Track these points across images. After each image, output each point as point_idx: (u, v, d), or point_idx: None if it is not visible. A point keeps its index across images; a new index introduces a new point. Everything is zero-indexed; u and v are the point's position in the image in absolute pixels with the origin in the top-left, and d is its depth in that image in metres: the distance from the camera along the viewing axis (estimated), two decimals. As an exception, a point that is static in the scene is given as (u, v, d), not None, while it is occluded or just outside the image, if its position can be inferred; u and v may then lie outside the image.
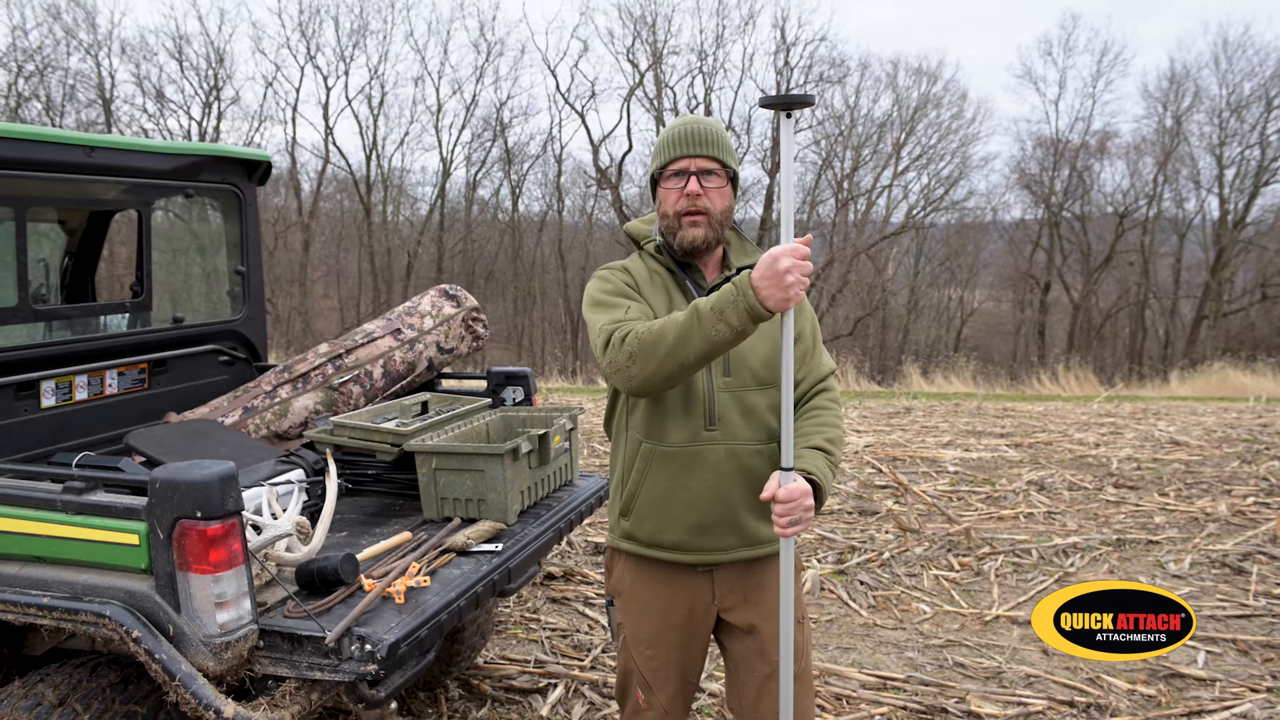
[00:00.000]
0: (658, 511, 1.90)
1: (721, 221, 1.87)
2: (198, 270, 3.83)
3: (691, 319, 1.64)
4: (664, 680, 1.97)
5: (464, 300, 3.43)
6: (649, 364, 1.68)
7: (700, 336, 1.62)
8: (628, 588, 2.00)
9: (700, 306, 1.63)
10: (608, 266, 1.96)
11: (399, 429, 2.70)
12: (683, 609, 1.95)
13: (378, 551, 2.30)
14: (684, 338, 1.64)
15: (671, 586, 1.95)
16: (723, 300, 1.61)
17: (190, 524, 1.82)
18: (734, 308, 1.59)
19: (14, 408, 2.82)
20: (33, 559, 2.03)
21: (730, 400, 1.85)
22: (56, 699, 2.02)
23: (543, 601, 4.29)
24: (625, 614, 2.01)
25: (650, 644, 1.97)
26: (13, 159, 2.67)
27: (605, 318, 1.80)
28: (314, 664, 1.89)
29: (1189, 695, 3.36)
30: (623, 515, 1.97)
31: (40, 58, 22.76)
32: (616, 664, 2.10)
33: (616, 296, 1.86)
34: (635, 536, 1.95)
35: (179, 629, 1.85)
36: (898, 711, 3.23)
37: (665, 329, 1.67)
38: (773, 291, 1.57)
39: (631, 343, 1.69)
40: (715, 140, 1.86)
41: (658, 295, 1.90)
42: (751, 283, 1.59)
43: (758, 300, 1.58)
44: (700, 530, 1.88)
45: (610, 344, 1.74)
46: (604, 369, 1.80)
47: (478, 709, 3.24)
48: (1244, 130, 24.23)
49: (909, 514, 5.59)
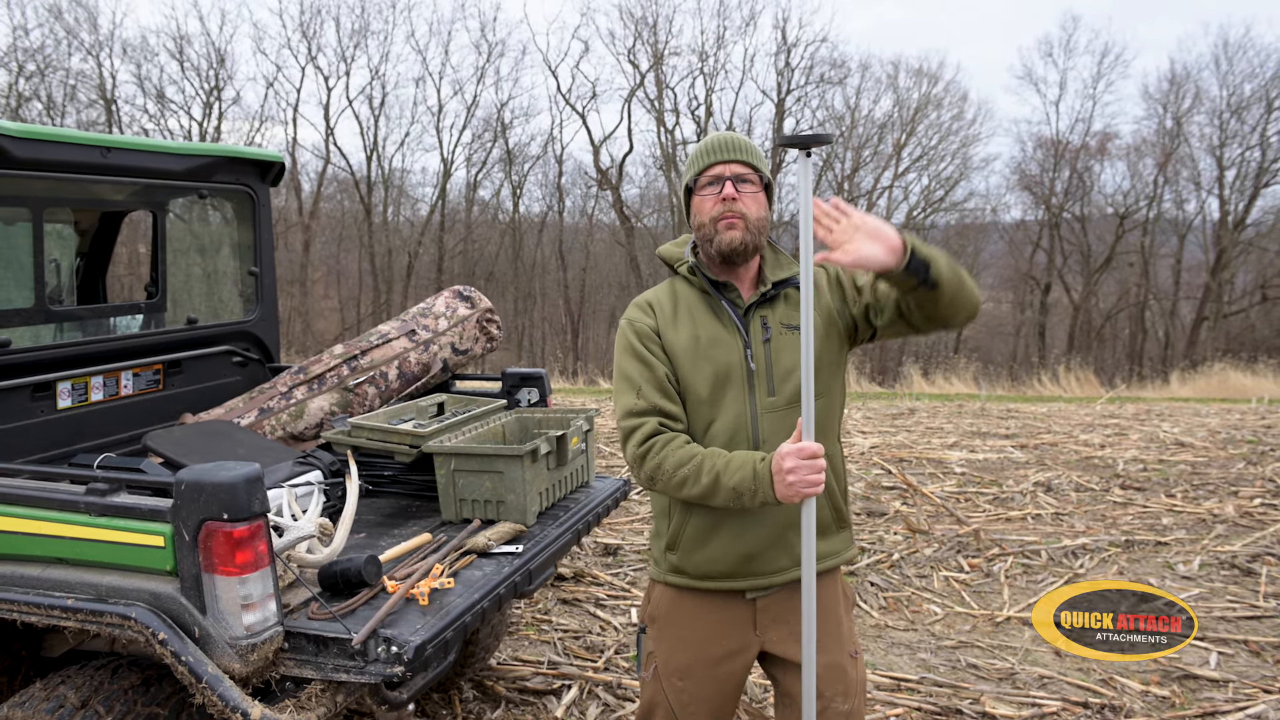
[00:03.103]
0: (706, 543, 1.87)
1: (758, 228, 1.85)
2: (211, 271, 3.83)
3: (712, 486, 1.75)
4: (692, 714, 1.92)
5: (478, 301, 3.43)
6: (669, 492, 1.84)
7: (719, 501, 1.77)
8: (664, 614, 1.96)
9: (722, 481, 1.74)
10: (636, 304, 1.95)
11: (417, 430, 2.70)
12: (721, 644, 1.90)
13: (399, 553, 2.30)
14: (704, 497, 1.78)
15: (712, 619, 1.90)
16: (743, 485, 1.73)
17: (216, 525, 1.82)
18: (751, 496, 1.73)
19: (30, 409, 2.82)
20: (55, 561, 2.02)
21: (775, 421, 1.83)
22: (79, 701, 2.02)
23: (554, 603, 4.28)
24: (659, 641, 1.96)
25: (683, 675, 1.92)
26: (31, 160, 2.67)
27: (624, 401, 1.87)
28: (339, 666, 1.89)
29: (1203, 696, 3.36)
30: (669, 549, 1.93)
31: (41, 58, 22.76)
32: (641, 696, 2.03)
33: (636, 362, 1.87)
34: (684, 570, 1.91)
35: (204, 631, 1.85)
36: (912, 713, 3.23)
37: (687, 481, 1.77)
38: (779, 487, 1.69)
39: (652, 469, 1.81)
40: (748, 147, 1.87)
41: (682, 329, 1.88)
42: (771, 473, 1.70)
43: (772, 493, 1.70)
44: (750, 558, 1.85)
45: (630, 451, 1.85)
46: (625, 460, 1.91)
47: (492, 710, 3.23)
48: (1244, 132, 24.27)
49: (918, 515, 5.59)
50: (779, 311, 1.89)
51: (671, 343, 1.87)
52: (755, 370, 1.84)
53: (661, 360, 1.86)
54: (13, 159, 2.62)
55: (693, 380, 1.85)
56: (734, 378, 1.84)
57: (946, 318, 1.76)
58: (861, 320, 1.89)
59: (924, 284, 1.66)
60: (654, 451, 1.79)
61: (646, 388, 1.84)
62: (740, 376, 1.84)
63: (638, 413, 1.83)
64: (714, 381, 1.84)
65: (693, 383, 1.85)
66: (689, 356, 1.85)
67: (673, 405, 1.84)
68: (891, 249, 1.64)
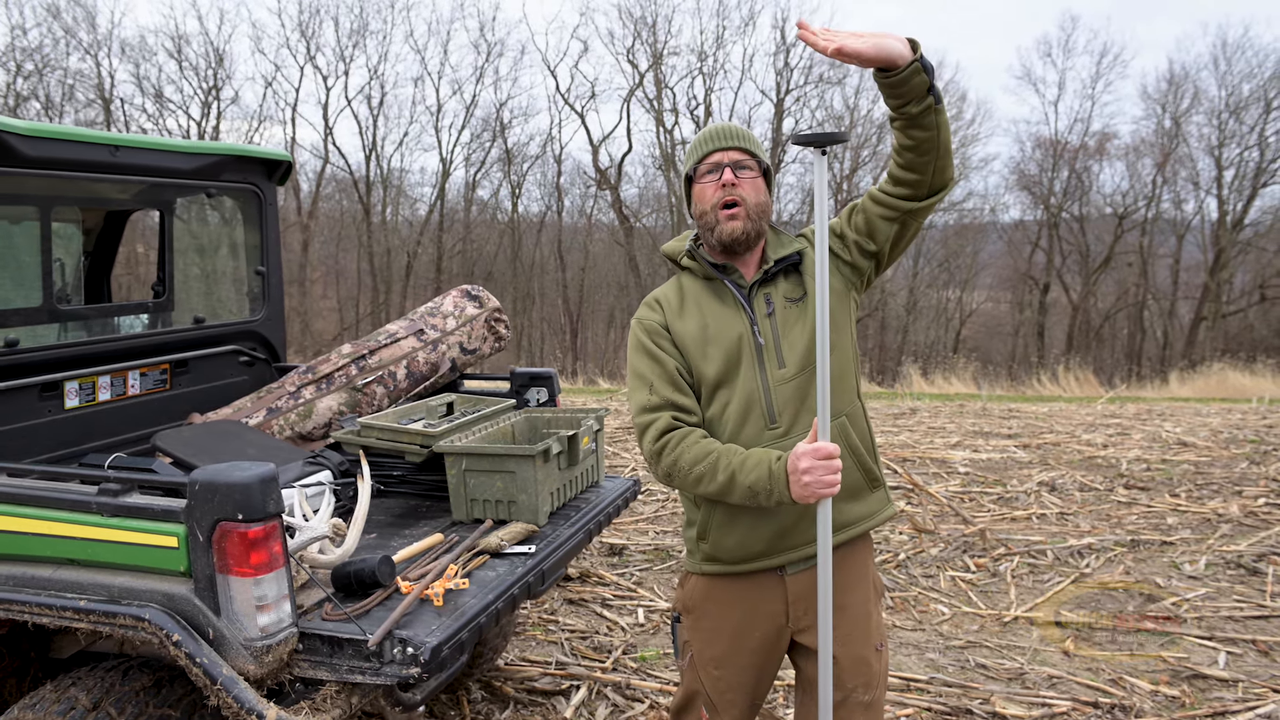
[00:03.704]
0: (736, 524, 1.87)
1: (759, 214, 1.87)
2: (216, 271, 3.81)
3: (728, 484, 1.76)
4: (730, 703, 1.94)
5: (486, 301, 3.42)
6: (684, 487, 1.84)
7: (735, 499, 1.78)
8: (698, 605, 1.97)
9: (738, 480, 1.74)
10: (645, 303, 1.98)
11: (428, 430, 2.68)
12: (755, 632, 1.92)
13: (412, 553, 2.29)
14: (720, 494, 1.79)
15: (746, 607, 1.92)
16: (759, 484, 1.73)
17: (231, 526, 1.80)
18: (767, 495, 1.74)
19: (38, 408, 2.80)
20: (66, 562, 2.01)
21: (789, 392, 1.84)
22: (90, 703, 2.00)
23: (560, 603, 4.27)
24: (694, 632, 1.98)
25: (719, 664, 1.94)
26: (41, 158, 2.65)
27: (638, 398, 1.89)
28: (355, 667, 1.87)
29: (1212, 696, 3.35)
30: (700, 538, 1.94)
31: (39, 57, 22.71)
32: (680, 682, 2.06)
33: (647, 359, 1.90)
34: (717, 557, 1.92)
35: (219, 632, 1.83)
36: (922, 713, 3.22)
37: (703, 478, 1.78)
38: (794, 488, 1.70)
39: (669, 465, 1.82)
40: (745, 134, 1.91)
41: (690, 319, 1.91)
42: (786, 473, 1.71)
43: (788, 492, 1.71)
44: (782, 533, 1.86)
45: (645, 448, 1.86)
46: (642, 455, 1.92)
47: (501, 711, 3.22)
48: (1243, 132, 24.32)
49: (923, 515, 5.58)
50: (781, 287, 1.91)
51: (680, 333, 1.90)
52: (764, 344, 1.86)
53: (672, 354, 1.89)
54: (22, 157, 2.60)
55: (704, 366, 1.87)
56: (744, 355, 1.86)
57: (942, 164, 1.74)
58: (860, 258, 1.90)
59: (931, 92, 1.66)
60: (670, 447, 1.81)
61: (658, 383, 1.86)
62: (750, 353, 1.86)
63: (651, 408, 1.85)
64: (725, 363, 1.86)
65: (704, 369, 1.87)
66: (698, 345, 1.88)
67: (685, 398, 1.87)
68: (880, 49, 1.61)
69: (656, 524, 5.56)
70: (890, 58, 1.62)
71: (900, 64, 1.63)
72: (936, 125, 1.69)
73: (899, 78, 1.64)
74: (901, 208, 1.81)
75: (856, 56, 1.61)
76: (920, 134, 1.70)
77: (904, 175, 1.77)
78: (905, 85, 1.65)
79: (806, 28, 1.63)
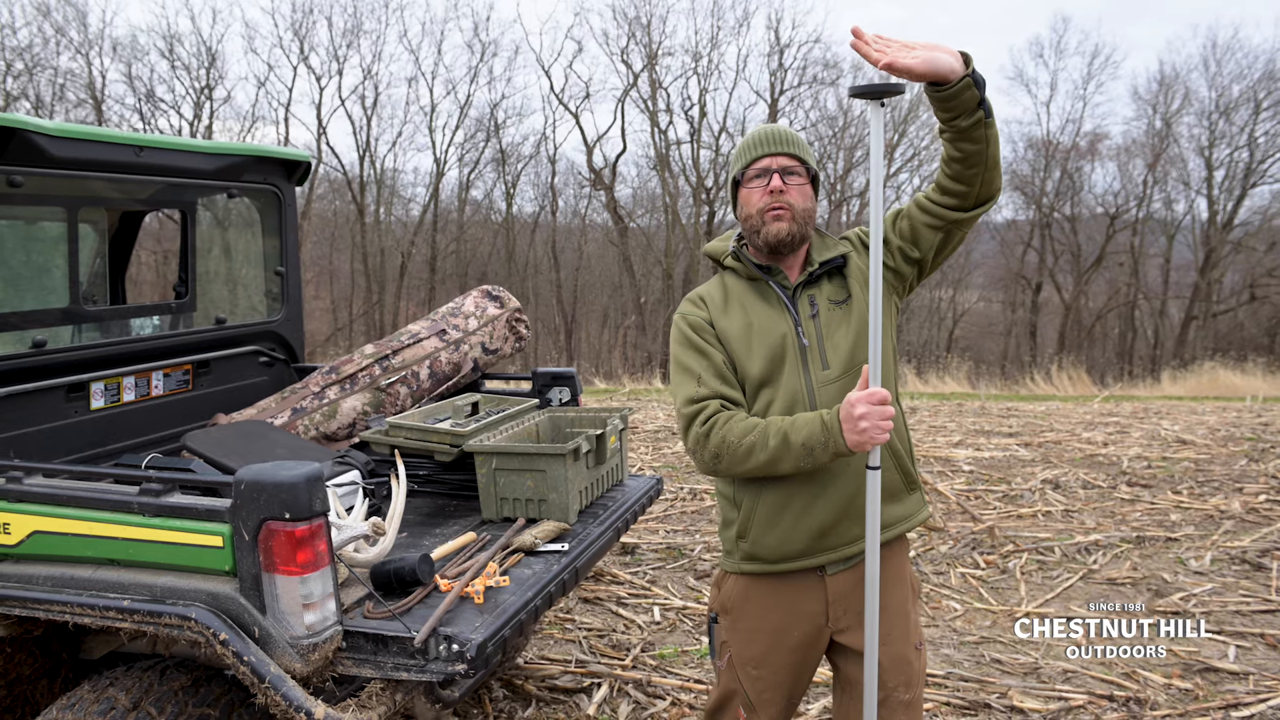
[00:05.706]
0: (778, 522, 1.88)
1: (804, 219, 1.88)
2: (237, 271, 3.82)
3: (781, 447, 1.75)
4: (768, 702, 1.96)
5: (507, 301, 3.43)
6: (735, 468, 1.82)
7: (789, 463, 1.76)
8: (736, 606, 1.98)
9: (791, 439, 1.74)
10: (688, 299, 2.00)
11: (456, 429, 2.70)
12: (795, 632, 1.93)
13: (448, 551, 2.30)
14: (772, 461, 1.77)
15: (785, 608, 1.92)
16: (813, 439, 1.73)
17: (278, 525, 1.81)
18: (823, 448, 1.73)
19: (65, 409, 2.80)
20: (106, 562, 2.01)
21: (832, 394, 1.85)
22: (130, 703, 2.01)
23: (575, 602, 4.29)
24: (732, 633, 1.99)
25: (758, 664, 1.95)
26: (68, 159, 2.65)
27: (684, 390, 1.88)
28: (400, 664, 1.89)
29: (1224, 689, 3.40)
30: (740, 537, 1.94)
31: (29, 56, 22.53)
32: (716, 682, 2.07)
33: (693, 353, 1.90)
34: (758, 556, 1.92)
35: (264, 631, 1.84)
36: (941, 707, 3.26)
37: (754, 448, 1.77)
38: (850, 435, 1.69)
39: (717, 444, 1.81)
40: (795, 140, 1.91)
41: (734, 317, 1.92)
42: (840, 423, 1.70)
43: (843, 440, 1.70)
44: (823, 532, 1.87)
45: (693, 433, 1.85)
46: (686, 447, 1.88)
47: (524, 709, 3.24)
48: (1233, 132, 24.52)
49: (933, 512, 5.62)
50: (825, 290, 1.92)
51: (724, 330, 1.91)
52: (808, 346, 1.87)
53: (717, 348, 1.90)
54: (50, 158, 2.60)
55: (748, 364, 1.88)
56: (788, 355, 1.87)
57: (990, 176, 1.74)
58: (903, 263, 1.92)
59: (981, 106, 1.65)
60: (717, 427, 1.81)
61: (706, 375, 1.87)
62: (794, 353, 1.87)
63: (699, 399, 1.86)
64: (769, 362, 1.87)
65: (748, 366, 1.88)
66: (742, 342, 1.89)
67: (733, 391, 1.88)
68: (931, 63, 1.59)
69: (667, 523, 5.59)
70: (941, 73, 1.61)
71: (952, 79, 1.62)
72: (986, 139, 1.69)
73: (950, 92, 1.63)
74: (948, 217, 1.82)
75: (907, 72, 1.60)
76: (969, 146, 1.70)
77: (952, 186, 1.78)
78: (956, 99, 1.64)
79: (861, 36, 1.63)
